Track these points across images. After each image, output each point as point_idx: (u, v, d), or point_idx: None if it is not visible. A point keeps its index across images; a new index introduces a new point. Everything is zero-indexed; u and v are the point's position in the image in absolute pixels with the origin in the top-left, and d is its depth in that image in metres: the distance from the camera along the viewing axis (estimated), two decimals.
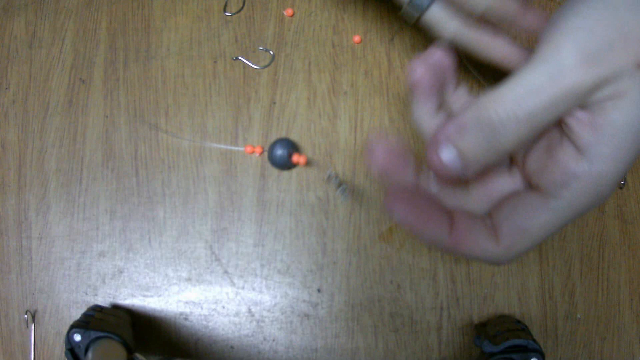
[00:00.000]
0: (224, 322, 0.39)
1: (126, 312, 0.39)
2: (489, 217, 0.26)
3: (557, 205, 0.24)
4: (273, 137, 0.40)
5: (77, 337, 0.33)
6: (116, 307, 0.39)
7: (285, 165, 0.39)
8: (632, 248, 0.40)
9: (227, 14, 0.41)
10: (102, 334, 0.33)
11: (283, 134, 0.40)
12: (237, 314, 0.39)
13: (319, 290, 0.39)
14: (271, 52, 0.41)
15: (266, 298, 0.39)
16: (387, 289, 0.39)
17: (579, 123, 0.23)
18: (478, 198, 0.28)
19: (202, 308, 0.39)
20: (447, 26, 0.32)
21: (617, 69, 0.21)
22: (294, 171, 0.40)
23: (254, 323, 0.39)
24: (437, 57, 0.26)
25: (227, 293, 0.39)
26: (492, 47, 0.32)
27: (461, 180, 0.25)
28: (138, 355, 0.34)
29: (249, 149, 0.39)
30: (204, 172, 0.40)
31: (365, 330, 0.39)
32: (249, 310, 0.39)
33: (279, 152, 0.38)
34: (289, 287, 0.39)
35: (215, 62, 0.41)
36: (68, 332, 0.33)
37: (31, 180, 0.41)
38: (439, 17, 0.32)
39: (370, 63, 0.41)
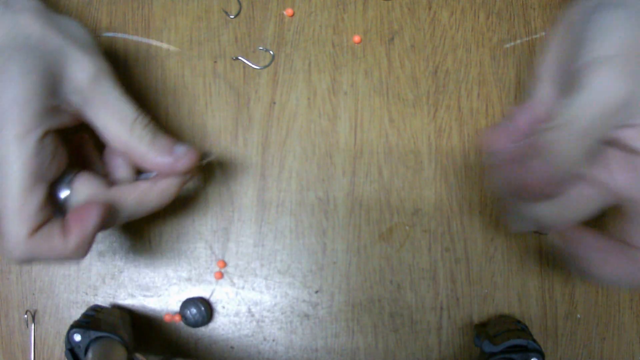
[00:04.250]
0: (224, 322, 0.39)
1: (126, 312, 0.39)
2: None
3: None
4: (273, 138, 0.40)
5: (77, 337, 0.33)
6: (116, 307, 0.39)
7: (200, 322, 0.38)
8: None
9: (230, 16, 0.41)
10: (102, 334, 0.33)
11: (283, 134, 0.40)
12: (237, 314, 0.39)
13: (316, 291, 0.39)
14: (271, 52, 0.41)
15: (266, 298, 0.39)
16: (387, 289, 0.39)
17: None
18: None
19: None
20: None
21: None
22: (294, 171, 0.40)
23: (254, 323, 0.39)
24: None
25: (227, 293, 0.39)
26: None
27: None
28: (138, 355, 0.34)
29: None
30: (204, 172, 0.40)
31: (365, 330, 0.39)
32: (249, 310, 0.39)
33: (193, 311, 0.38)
34: (289, 287, 0.39)
35: (215, 62, 0.41)
36: (68, 332, 0.33)
37: None
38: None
39: (370, 63, 0.41)
